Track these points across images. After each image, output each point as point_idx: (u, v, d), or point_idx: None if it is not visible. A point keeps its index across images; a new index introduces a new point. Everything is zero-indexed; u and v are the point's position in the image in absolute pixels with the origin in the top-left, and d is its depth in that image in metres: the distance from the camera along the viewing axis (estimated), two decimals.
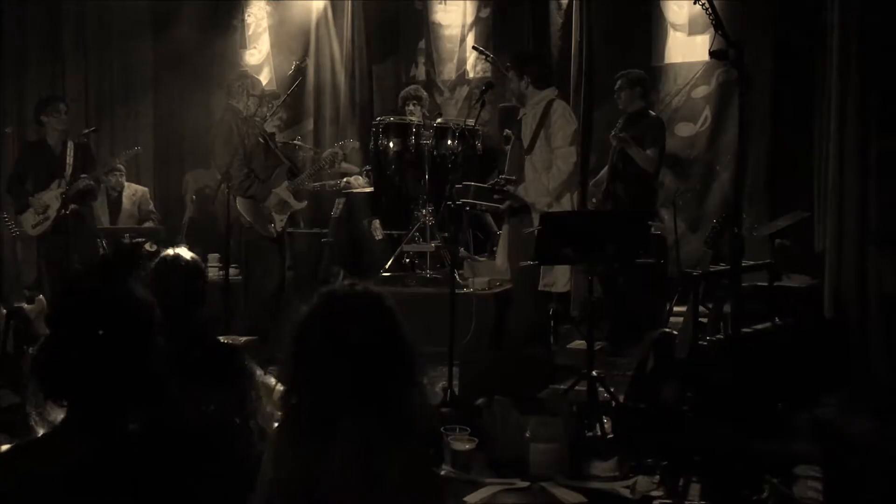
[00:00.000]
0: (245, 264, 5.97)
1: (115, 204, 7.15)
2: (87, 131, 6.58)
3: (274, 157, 5.97)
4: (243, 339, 5.38)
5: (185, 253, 2.90)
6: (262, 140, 5.88)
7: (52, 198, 6.12)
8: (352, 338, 1.82)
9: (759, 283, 5.16)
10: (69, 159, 6.17)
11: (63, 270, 6.15)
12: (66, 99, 6.85)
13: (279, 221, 5.88)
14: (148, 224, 7.14)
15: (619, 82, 5.91)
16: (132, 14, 8.09)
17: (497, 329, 5.37)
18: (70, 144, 6.25)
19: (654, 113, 6.07)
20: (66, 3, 7.90)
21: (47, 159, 6.23)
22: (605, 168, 5.91)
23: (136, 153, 6.86)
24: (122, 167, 7.17)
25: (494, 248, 6.07)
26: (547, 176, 5.16)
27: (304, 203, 6.22)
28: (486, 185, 5.46)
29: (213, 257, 6.41)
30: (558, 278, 5.18)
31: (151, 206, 7.32)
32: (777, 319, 4.57)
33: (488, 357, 4.94)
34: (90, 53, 8.02)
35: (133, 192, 7.25)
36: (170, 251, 2.89)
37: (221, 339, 3.68)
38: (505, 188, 5.28)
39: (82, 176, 6.12)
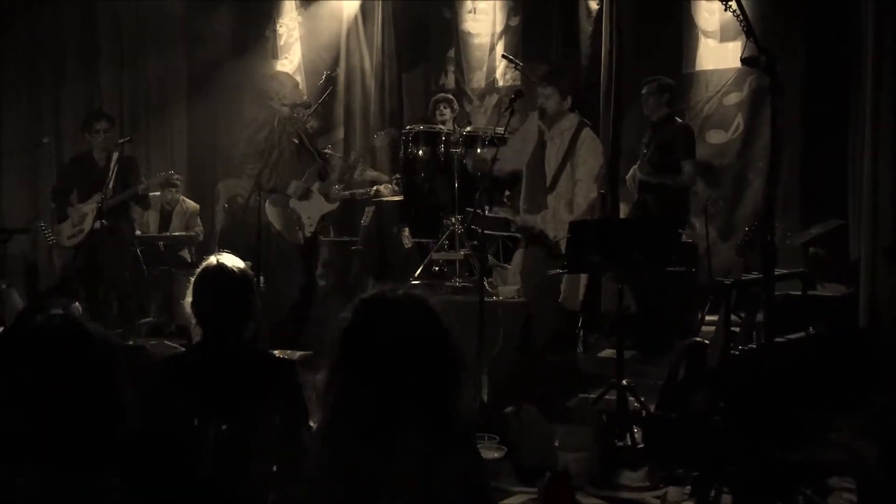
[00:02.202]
0: (271, 273, 6.01)
1: (166, 218, 7.25)
2: (121, 141, 6.61)
3: (308, 157, 6.01)
4: (298, 353, 5.37)
5: (230, 261, 2.52)
6: (296, 140, 5.93)
7: (90, 210, 6.09)
8: (399, 341, 1.78)
9: (793, 293, 5.09)
10: (112, 173, 6.08)
11: (95, 282, 6.20)
12: (107, 112, 6.75)
13: (308, 227, 5.92)
14: None
15: (646, 88, 5.83)
16: (166, 25, 8.23)
17: (524, 337, 5.34)
18: (115, 157, 6.15)
19: (680, 120, 6.00)
20: (101, 15, 8.04)
21: (91, 172, 6.22)
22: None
23: (169, 177, 6.79)
24: (178, 182, 7.17)
25: None
26: (567, 209, 4.82)
27: (336, 204, 6.26)
28: (501, 216, 5.32)
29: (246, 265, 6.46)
30: (571, 294, 4.93)
31: (199, 223, 7.39)
32: (811, 329, 4.50)
33: (516, 365, 4.91)
34: (125, 65, 8.16)
35: (185, 209, 7.32)
36: (213, 259, 2.51)
37: (276, 352, 3.50)
38: (525, 222, 5.02)
39: (140, 183, 6.14)
